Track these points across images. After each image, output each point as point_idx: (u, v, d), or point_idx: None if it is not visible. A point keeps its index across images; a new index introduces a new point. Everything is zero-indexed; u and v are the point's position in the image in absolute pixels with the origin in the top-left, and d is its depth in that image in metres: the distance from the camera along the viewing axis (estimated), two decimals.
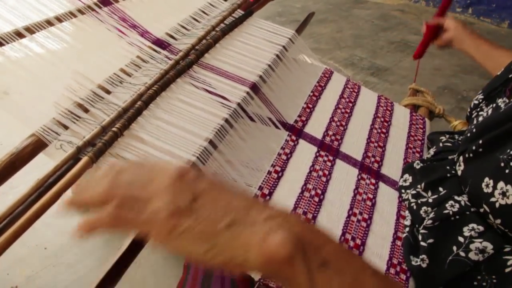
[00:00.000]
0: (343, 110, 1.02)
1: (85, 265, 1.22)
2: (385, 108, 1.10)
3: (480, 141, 0.67)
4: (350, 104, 1.06)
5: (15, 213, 0.53)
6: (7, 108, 0.65)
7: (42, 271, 1.19)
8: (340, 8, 3.78)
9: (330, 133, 0.93)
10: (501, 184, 0.60)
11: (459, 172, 0.72)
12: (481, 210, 0.65)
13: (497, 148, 0.64)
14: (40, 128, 0.61)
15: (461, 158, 0.72)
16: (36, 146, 0.61)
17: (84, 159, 0.58)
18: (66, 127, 0.64)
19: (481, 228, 0.65)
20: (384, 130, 1.02)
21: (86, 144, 0.61)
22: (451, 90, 2.31)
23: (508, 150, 0.61)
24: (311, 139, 0.89)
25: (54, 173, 0.57)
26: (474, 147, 0.69)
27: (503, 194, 0.60)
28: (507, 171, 0.60)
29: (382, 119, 1.06)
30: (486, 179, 0.63)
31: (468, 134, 0.74)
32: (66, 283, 1.17)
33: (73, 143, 0.61)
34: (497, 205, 0.61)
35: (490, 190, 0.62)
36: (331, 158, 0.86)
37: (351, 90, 1.11)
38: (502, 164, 0.61)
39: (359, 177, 0.85)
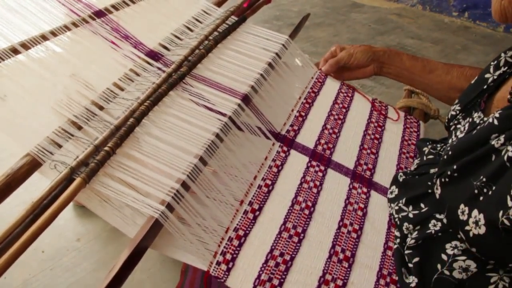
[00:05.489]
0: (336, 117, 1.03)
1: (83, 269, 1.23)
2: (379, 112, 1.11)
3: (455, 166, 0.66)
4: (344, 110, 1.06)
5: (12, 235, 0.54)
6: None
7: (40, 275, 1.21)
8: (337, 12, 3.78)
9: (322, 141, 0.94)
10: (475, 213, 0.60)
11: (437, 195, 0.72)
12: (459, 236, 0.65)
13: (471, 173, 0.63)
14: (34, 148, 0.62)
15: (438, 181, 0.72)
16: (31, 166, 0.62)
17: (77, 181, 0.59)
18: (59, 146, 0.65)
19: (464, 245, 0.66)
20: (377, 136, 1.02)
21: (80, 164, 0.62)
22: None
23: (481, 177, 0.60)
24: (303, 149, 0.90)
25: (48, 195, 0.58)
26: (449, 172, 0.68)
27: (476, 223, 0.59)
28: (481, 198, 0.60)
29: (376, 124, 1.06)
30: (462, 206, 0.63)
31: (445, 157, 0.73)
32: (63, 286, 1.19)
33: (67, 163, 0.62)
34: (471, 234, 0.60)
35: (465, 217, 0.62)
36: (322, 168, 0.87)
37: (345, 94, 1.12)
38: (476, 191, 0.60)
39: (351, 186, 0.86)
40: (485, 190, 0.59)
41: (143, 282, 1.19)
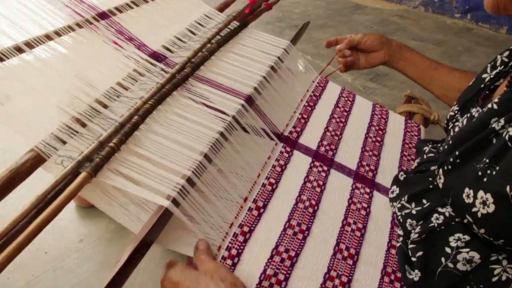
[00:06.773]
0: (338, 120, 1.04)
1: (86, 270, 1.23)
2: (380, 116, 1.12)
3: (457, 152, 0.68)
4: (345, 113, 1.07)
5: (17, 227, 0.55)
6: (3, 119, 0.66)
7: (43, 275, 1.21)
8: (340, 13, 3.81)
9: (325, 143, 0.95)
10: (481, 193, 0.61)
11: (440, 185, 0.73)
12: (465, 221, 0.65)
13: (474, 157, 0.64)
14: (39, 144, 0.63)
15: (440, 170, 0.73)
16: (35, 161, 0.62)
17: (83, 175, 0.60)
18: (64, 142, 0.65)
19: (467, 237, 0.66)
20: (379, 139, 1.03)
21: (85, 159, 0.62)
22: None
23: (484, 159, 0.62)
24: (306, 150, 0.90)
25: (53, 188, 0.59)
26: (451, 159, 0.69)
27: (484, 203, 0.60)
28: (485, 179, 0.61)
29: (377, 127, 1.07)
30: (466, 190, 0.64)
31: (446, 146, 0.74)
32: (66, 287, 1.18)
33: (72, 158, 0.62)
34: (479, 215, 0.61)
35: (471, 200, 0.62)
36: (325, 168, 0.88)
37: (346, 99, 1.13)
38: (480, 173, 0.62)
39: (354, 186, 0.86)
40: (488, 172, 0.61)
41: (146, 283, 1.19)
